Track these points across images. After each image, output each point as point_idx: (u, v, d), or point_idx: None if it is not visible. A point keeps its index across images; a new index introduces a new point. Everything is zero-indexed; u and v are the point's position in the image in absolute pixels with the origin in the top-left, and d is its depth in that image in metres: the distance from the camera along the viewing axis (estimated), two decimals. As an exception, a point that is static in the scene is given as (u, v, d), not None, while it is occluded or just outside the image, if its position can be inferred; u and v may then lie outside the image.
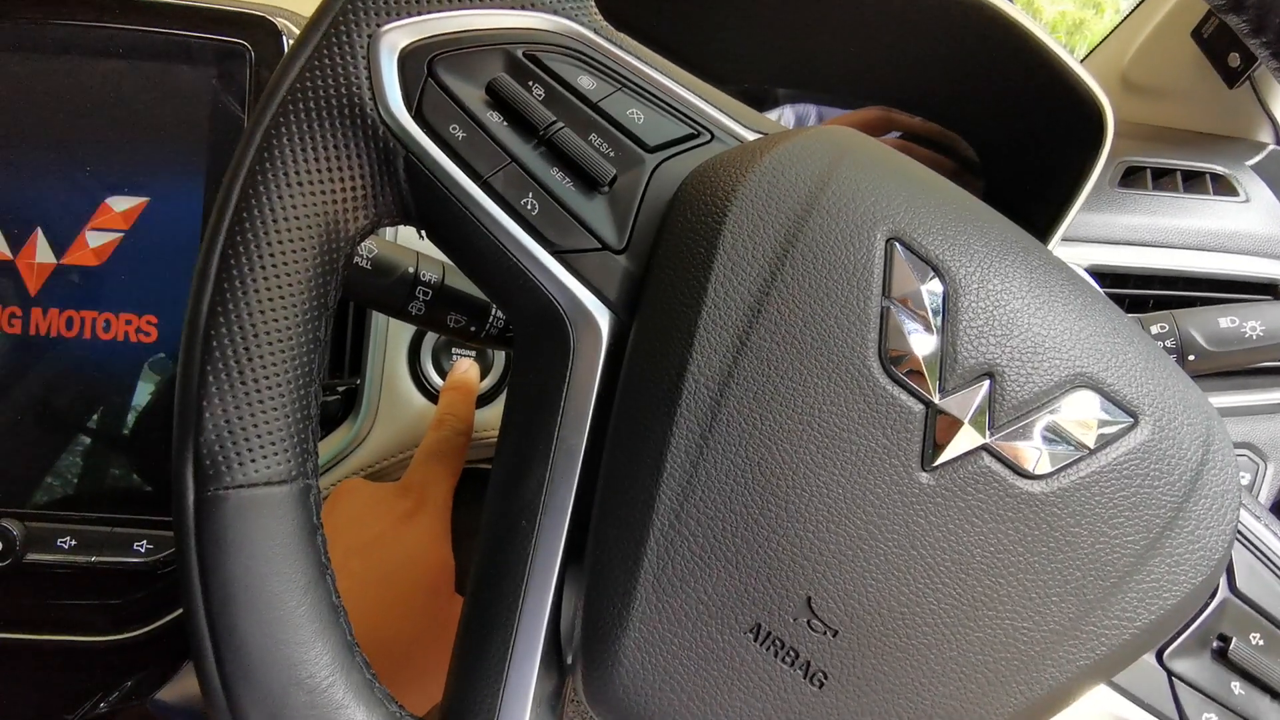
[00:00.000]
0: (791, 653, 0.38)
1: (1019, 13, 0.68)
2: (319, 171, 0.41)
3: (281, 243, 0.40)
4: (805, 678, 0.38)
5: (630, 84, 0.44)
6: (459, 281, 0.69)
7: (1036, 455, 0.37)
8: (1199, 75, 1.08)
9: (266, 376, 0.40)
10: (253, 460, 0.40)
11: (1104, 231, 0.95)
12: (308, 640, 0.40)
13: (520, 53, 0.43)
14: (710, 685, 0.39)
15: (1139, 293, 0.95)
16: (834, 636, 0.38)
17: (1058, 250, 0.89)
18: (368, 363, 0.83)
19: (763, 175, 0.39)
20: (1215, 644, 0.44)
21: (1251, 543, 0.44)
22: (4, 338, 0.74)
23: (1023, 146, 0.81)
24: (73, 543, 0.73)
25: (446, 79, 0.42)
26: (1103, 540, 0.37)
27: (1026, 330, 0.37)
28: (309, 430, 0.42)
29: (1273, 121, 1.08)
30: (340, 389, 0.82)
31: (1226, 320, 0.69)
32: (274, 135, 0.40)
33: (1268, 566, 0.44)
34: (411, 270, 0.66)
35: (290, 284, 0.40)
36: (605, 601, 0.39)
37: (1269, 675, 0.44)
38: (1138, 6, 1.18)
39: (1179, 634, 0.44)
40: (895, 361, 0.37)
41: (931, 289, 0.38)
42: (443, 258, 0.68)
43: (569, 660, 0.42)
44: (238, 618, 0.39)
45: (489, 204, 0.42)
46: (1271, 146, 1.07)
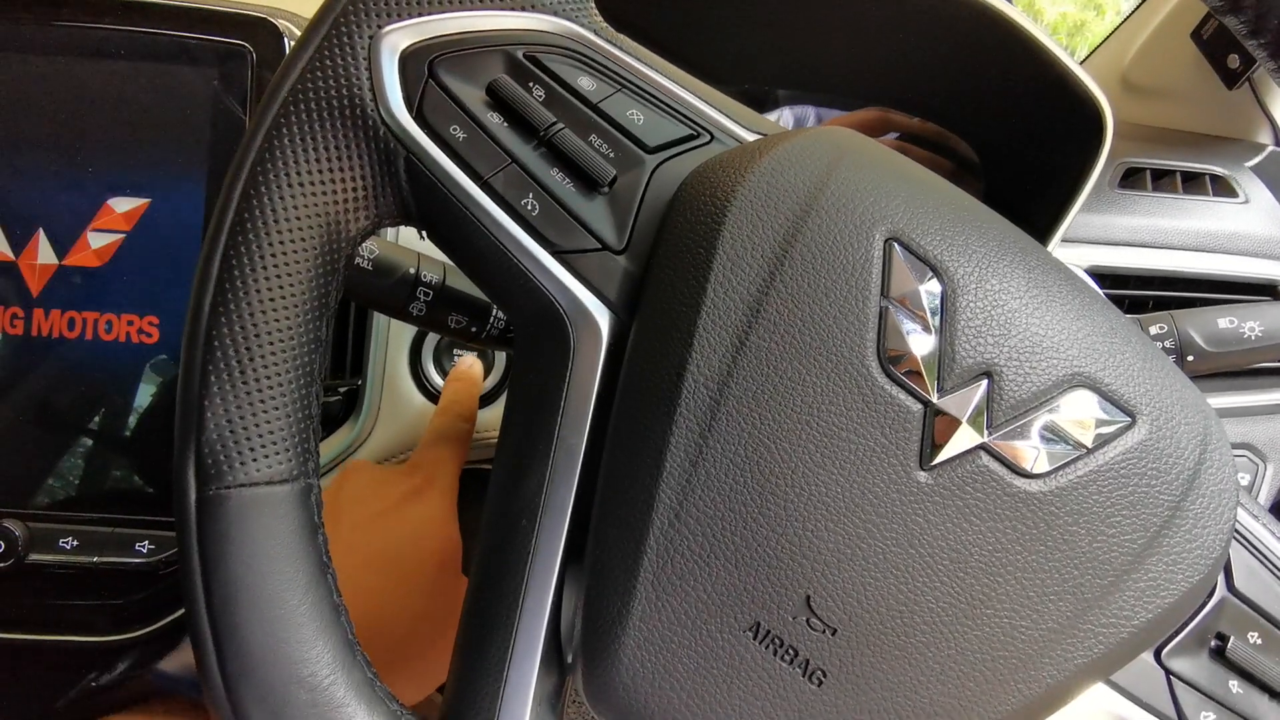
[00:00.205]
0: (790, 651, 0.38)
1: (1018, 14, 0.68)
2: (320, 172, 0.41)
3: (283, 243, 0.40)
4: (804, 676, 0.38)
5: (630, 85, 0.44)
6: (460, 282, 0.69)
7: (1034, 454, 0.37)
8: (1199, 76, 1.08)
9: (268, 376, 0.40)
10: (254, 459, 0.40)
11: (1104, 232, 0.95)
12: (309, 639, 0.40)
13: (521, 54, 0.43)
14: (710, 683, 0.39)
15: (1139, 293, 0.95)
16: (833, 635, 0.38)
17: (1057, 251, 0.89)
18: (369, 363, 0.83)
19: (762, 176, 0.39)
20: (1213, 643, 0.45)
21: (1249, 542, 0.45)
22: (6, 339, 0.74)
23: (1023, 147, 0.82)
24: (75, 543, 0.73)
25: (447, 80, 0.42)
26: (1100, 539, 0.37)
27: (1024, 330, 0.38)
28: (310, 430, 0.42)
29: (1272, 123, 1.08)
30: (342, 389, 0.83)
31: (1225, 321, 0.69)
32: (275, 136, 0.40)
33: (1266, 566, 0.45)
34: (413, 271, 0.66)
35: (291, 284, 0.41)
36: (605, 600, 0.39)
37: (1267, 674, 0.44)
38: (1138, 8, 1.18)
39: (1177, 633, 0.44)
40: (894, 361, 0.37)
41: (930, 289, 0.38)
42: (444, 258, 0.68)
43: (569, 659, 0.42)
44: (239, 616, 0.39)
45: (489, 204, 0.42)
46: (1271, 148, 1.07)
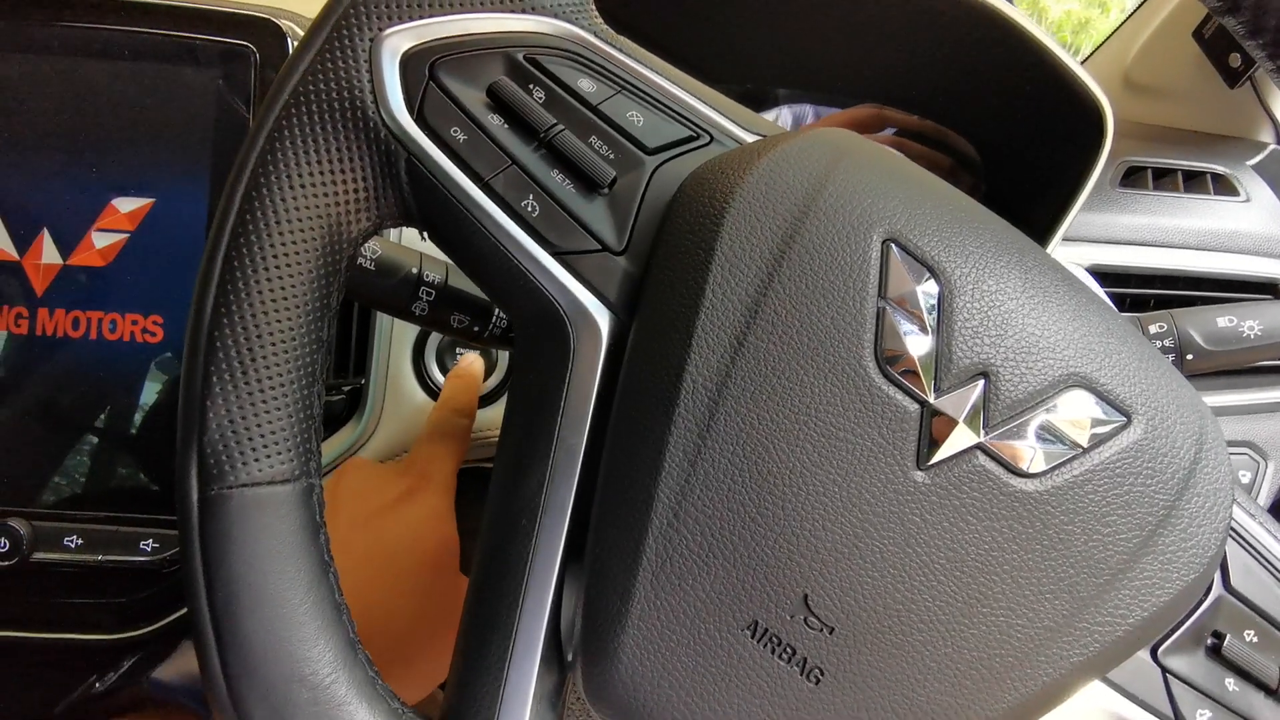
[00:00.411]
0: (788, 649, 0.38)
1: (1019, 14, 0.68)
2: (322, 174, 0.41)
3: (284, 244, 0.41)
4: (802, 674, 0.38)
5: (630, 86, 0.44)
6: (462, 282, 0.69)
7: (1030, 454, 0.37)
8: (1200, 75, 1.08)
9: (270, 376, 0.40)
10: (256, 460, 0.40)
11: (1105, 231, 0.95)
12: (310, 638, 0.40)
13: (521, 56, 0.43)
14: (708, 682, 0.39)
15: (1140, 292, 0.95)
16: (830, 633, 0.38)
17: (1058, 250, 0.89)
18: (372, 362, 0.83)
19: (760, 177, 0.40)
20: (1210, 641, 0.45)
21: (1246, 540, 0.45)
22: (11, 338, 0.74)
23: (1024, 147, 0.82)
24: (79, 542, 0.73)
25: (448, 82, 0.42)
26: (1096, 538, 0.37)
27: (1021, 330, 0.38)
28: (312, 430, 0.42)
29: (1273, 121, 1.08)
30: (345, 388, 0.83)
31: (1225, 319, 0.69)
32: (277, 138, 0.41)
33: (1262, 564, 0.45)
34: (415, 271, 0.66)
35: (293, 285, 0.41)
36: (604, 599, 0.39)
37: (1263, 672, 0.44)
38: (1140, 7, 1.18)
39: (1173, 631, 0.44)
40: (891, 361, 0.37)
41: (927, 290, 0.38)
42: (446, 258, 0.68)
43: (569, 657, 0.42)
44: (241, 615, 0.39)
45: (490, 206, 0.42)
46: (1272, 146, 1.08)
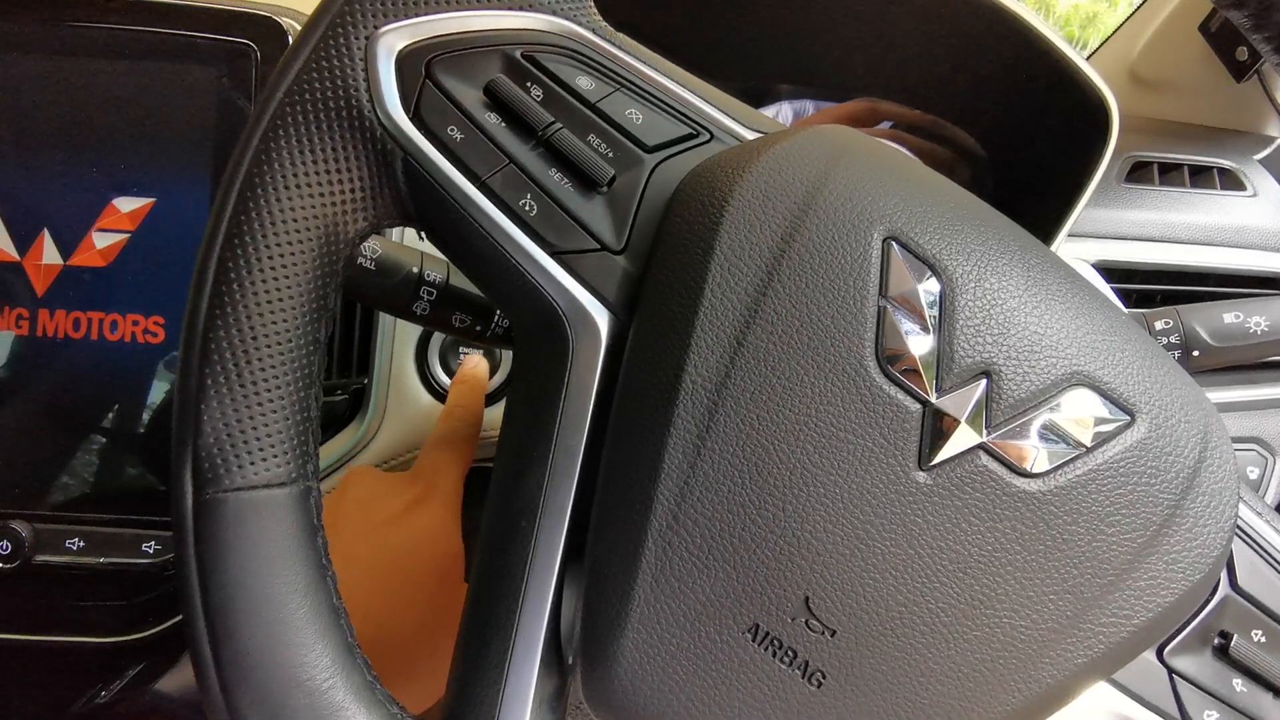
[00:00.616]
0: (790, 652, 0.38)
1: (1024, 10, 0.68)
2: (317, 174, 0.41)
3: (280, 245, 0.40)
4: (804, 677, 0.38)
5: (629, 84, 0.43)
6: (464, 281, 0.68)
7: (1033, 454, 0.37)
8: (1207, 69, 1.08)
9: (265, 379, 0.40)
10: (251, 463, 0.40)
11: (1111, 227, 0.95)
12: (307, 642, 0.40)
13: (519, 54, 0.43)
14: (709, 685, 0.39)
15: (1146, 288, 0.95)
16: (832, 636, 0.37)
17: (1064, 245, 0.89)
18: (375, 362, 0.83)
19: (760, 175, 0.39)
20: (1216, 641, 0.44)
21: (1253, 539, 0.44)
22: (11, 339, 0.74)
23: (1029, 143, 0.81)
24: (81, 544, 0.73)
25: (444, 81, 0.42)
26: (1100, 538, 0.37)
27: (1023, 329, 0.37)
28: (309, 432, 0.42)
29: (1280, 115, 1.08)
30: (348, 389, 0.83)
31: (1230, 316, 0.69)
32: (271, 138, 0.40)
33: (1269, 563, 0.44)
34: (416, 270, 0.66)
35: (289, 287, 0.40)
36: (604, 602, 0.39)
37: (1271, 672, 0.44)
38: (1146, 1, 1.18)
39: (1180, 631, 0.44)
40: (892, 361, 0.37)
41: (928, 288, 0.37)
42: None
43: (570, 660, 0.42)
44: (236, 620, 0.39)
45: (487, 205, 0.42)
46: (1279, 140, 1.07)
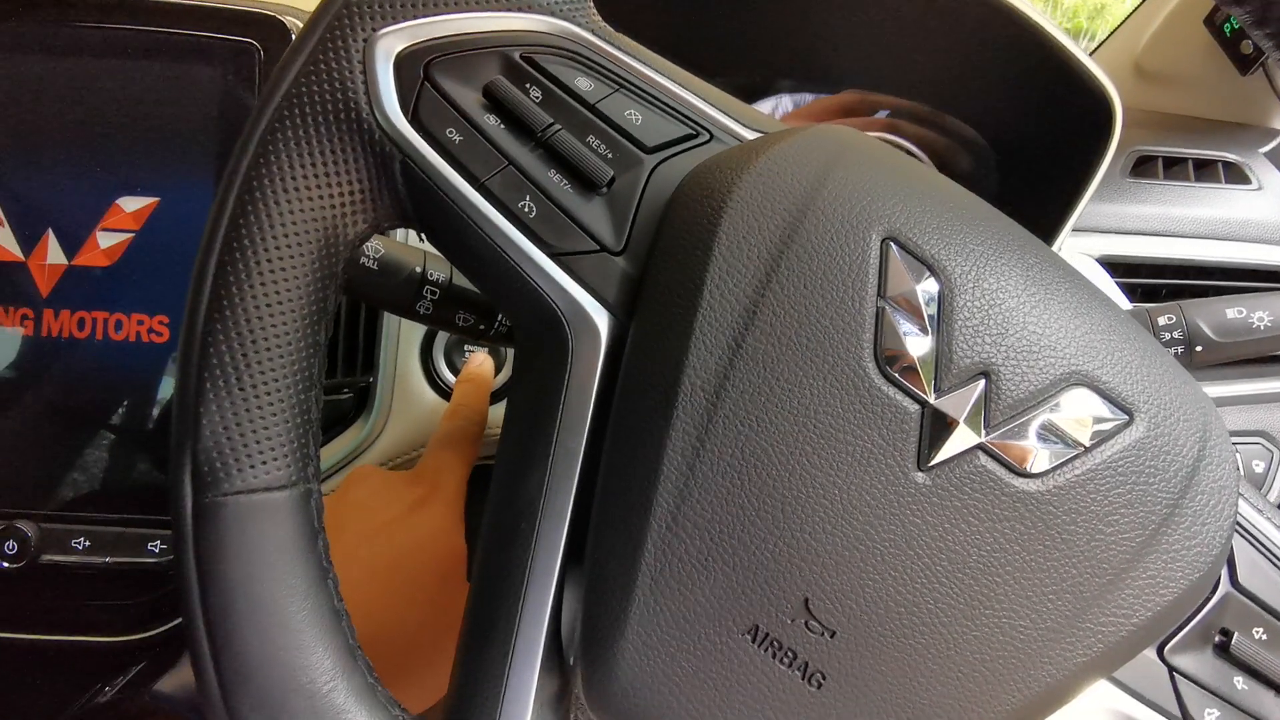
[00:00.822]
0: (789, 654, 0.38)
1: (1026, 5, 0.68)
2: (315, 177, 0.41)
3: (279, 248, 0.40)
4: (804, 679, 0.38)
5: (628, 85, 0.43)
6: (466, 280, 0.68)
7: (1032, 454, 0.37)
8: (1212, 62, 1.07)
9: (265, 382, 0.40)
10: (251, 466, 0.40)
11: (1115, 221, 0.95)
12: (308, 645, 0.40)
13: (517, 55, 0.43)
14: (709, 687, 0.39)
15: (1151, 282, 0.95)
16: (832, 637, 0.37)
17: (1069, 240, 0.89)
18: (380, 360, 0.83)
19: (759, 176, 0.39)
20: (1217, 639, 0.44)
21: (1254, 536, 0.44)
22: (16, 339, 0.74)
23: (1033, 138, 0.81)
24: (86, 543, 0.73)
25: (443, 83, 0.42)
26: (1099, 537, 0.37)
27: (1022, 329, 0.37)
28: (309, 434, 0.42)
29: (1285, 108, 1.08)
30: (354, 387, 0.83)
31: (1233, 311, 0.69)
32: (270, 141, 0.40)
33: (1270, 560, 0.44)
34: (419, 269, 0.66)
35: (288, 289, 0.40)
36: (604, 604, 0.39)
37: (1272, 670, 0.44)
38: (1151, -6, 1.18)
39: (1180, 629, 0.44)
40: (890, 361, 0.37)
41: (927, 288, 0.37)
42: (450, 257, 0.68)
43: (570, 662, 0.42)
44: (236, 624, 0.39)
45: (486, 207, 0.42)
46: (1284, 134, 1.07)
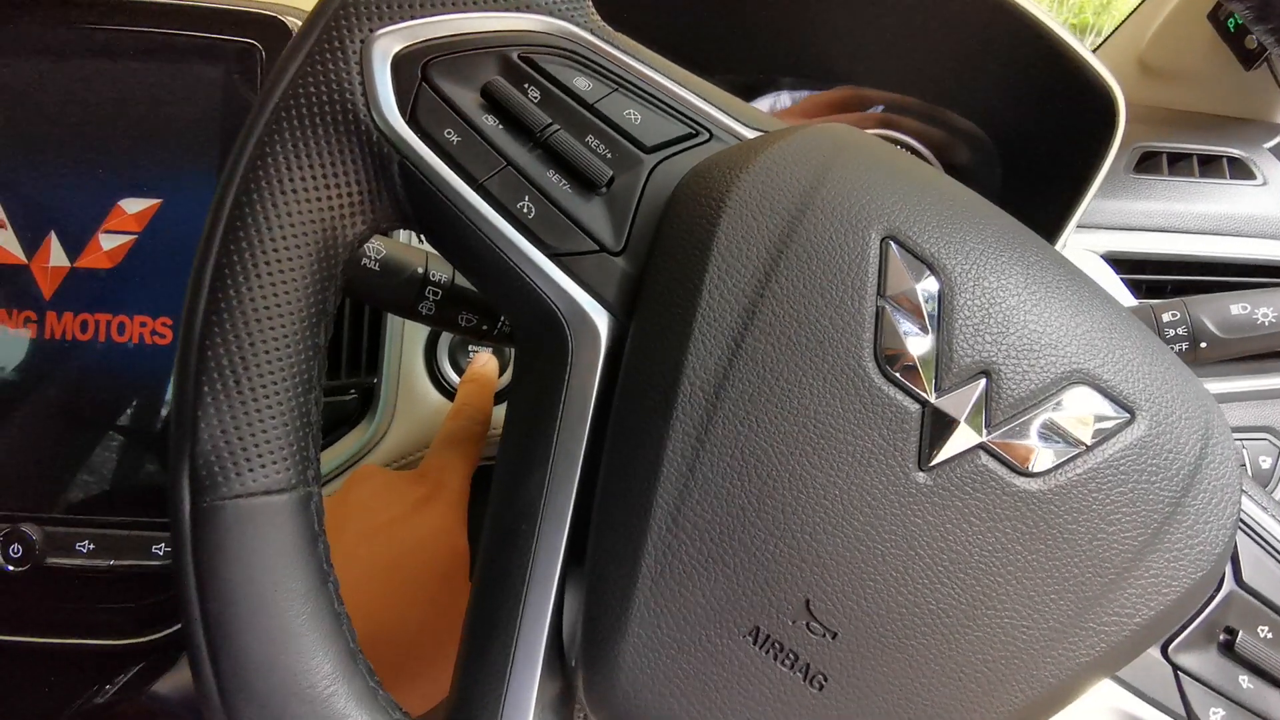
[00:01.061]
0: (791, 655, 0.38)
1: (1029, 2, 0.68)
2: (313, 179, 0.41)
3: (277, 251, 0.40)
4: (805, 680, 0.38)
5: (627, 84, 0.43)
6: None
7: (1033, 453, 0.37)
8: (1216, 58, 1.07)
9: (264, 386, 0.40)
10: (250, 470, 0.40)
11: (1120, 218, 0.95)
12: (308, 650, 0.39)
13: (515, 55, 0.42)
14: (711, 689, 0.38)
15: (1156, 278, 0.94)
16: (833, 638, 0.37)
17: (1073, 237, 0.88)
18: (384, 361, 0.83)
19: (757, 175, 0.39)
20: (1222, 637, 0.44)
21: (1258, 534, 0.44)
22: (20, 342, 0.74)
23: (1037, 135, 0.81)
24: (91, 546, 0.73)
25: (441, 83, 0.42)
26: (1101, 537, 0.37)
27: (1022, 327, 0.37)
28: (309, 437, 0.42)
29: (1290, 103, 1.07)
30: (358, 387, 0.83)
31: (1237, 307, 0.68)
32: (267, 143, 0.40)
33: (1275, 558, 0.44)
34: (420, 270, 0.65)
35: (286, 292, 0.40)
36: (604, 606, 0.39)
37: (1277, 668, 0.44)
38: (1155, -11, 1.18)
39: (1185, 627, 0.44)
40: (890, 361, 0.37)
41: (927, 287, 0.37)
42: (453, 257, 0.68)
43: (572, 664, 0.42)
44: (235, 628, 0.39)
45: (485, 208, 0.42)
46: (1289, 128, 1.07)
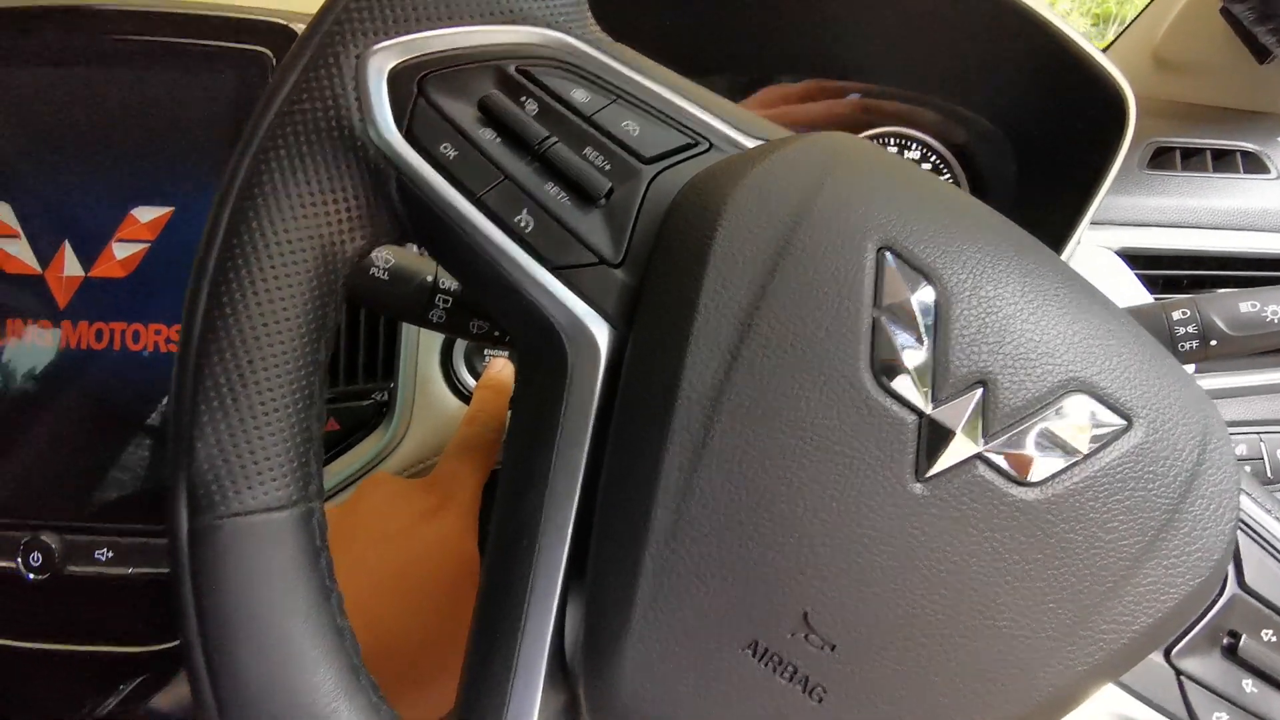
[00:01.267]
0: (790, 668, 0.37)
1: (1036, 3, 0.68)
2: (310, 195, 0.41)
3: (274, 267, 0.40)
4: (804, 692, 0.38)
5: (626, 95, 0.43)
6: (476, 290, 0.68)
7: (1031, 462, 0.36)
8: (1230, 51, 1.06)
9: (262, 403, 0.40)
10: (249, 488, 0.40)
11: (1134, 214, 0.94)
12: (309, 667, 0.39)
13: (513, 68, 0.42)
14: (710, 702, 0.38)
15: (1171, 274, 0.94)
16: (832, 650, 0.37)
17: (1087, 234, 0.88)
18: (400, 367, 0.83)
19: (753, 186, 0.39)
20: (1225, 641, 0.44)
21: (1260, 536, 0.44)
22: (36, 351, 0.75)
23: (1048, 133, 0.81)
24: (110, 554, 0.74)
25: (437, 97, 0.42)
26: (1099, 544, 0.37)
27: (1019, 336, 0.37)
28: (310, 453, 0.42)
29: (1304, 97, 1.07)
30: (373, 396, 0.83)
31: (1247, 305, 0.68)
32: (262, 160, 0.40)
33: (1278, 560, 0.44)
34: (430, 278, 0.65)
35: (285, 308, 0.40)
36: (604, 619, 0.39)
37: None
38: (1168, -17, 1.17)
39: (1187, 632, 0.44)
40: (886, 372, 0.37)
41: (923, 298, 0.37)
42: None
43: (574, 675, 0.42)
44: (234, 646, 0.39)
45: (483, 222, 0.41)
46: (1302, 122, 1.06)
